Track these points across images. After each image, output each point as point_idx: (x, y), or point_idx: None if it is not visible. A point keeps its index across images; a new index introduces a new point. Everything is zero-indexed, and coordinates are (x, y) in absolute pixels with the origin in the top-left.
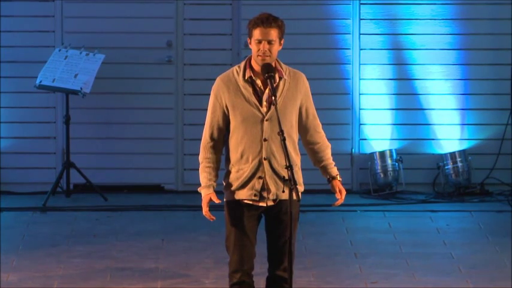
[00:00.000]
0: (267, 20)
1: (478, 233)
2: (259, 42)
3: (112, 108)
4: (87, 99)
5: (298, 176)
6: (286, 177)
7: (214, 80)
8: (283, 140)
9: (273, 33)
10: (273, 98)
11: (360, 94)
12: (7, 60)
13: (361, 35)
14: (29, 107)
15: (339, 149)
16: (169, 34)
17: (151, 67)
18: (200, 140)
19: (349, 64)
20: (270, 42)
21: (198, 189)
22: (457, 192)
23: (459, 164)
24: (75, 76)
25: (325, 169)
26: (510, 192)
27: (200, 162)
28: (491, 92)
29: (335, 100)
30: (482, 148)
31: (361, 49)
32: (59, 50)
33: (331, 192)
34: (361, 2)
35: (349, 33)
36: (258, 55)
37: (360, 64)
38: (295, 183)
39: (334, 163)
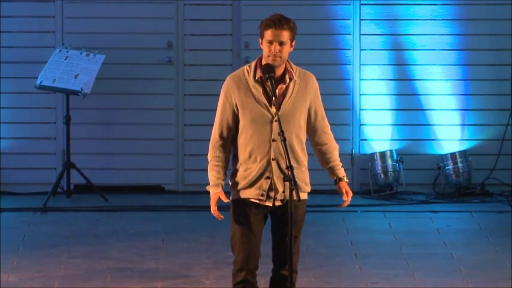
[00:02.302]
0: (279, 22)
1: (478, 233)
2: (271, 43)
3: (112, 108)
4: (88, 100)
5: (305, 176)
6: (290, 178)
7: (215, 80)
8: (284, 140)
9: (285, 35)
10: (273, 98)
11: (360, 95)
12: (7, 61)
13: (361, 36)
14: (30, 108)
15: (340, 149)
16: (170, 34)
17: (151, 68)
18: (200, 140)
19: (350, 65)
20: (281, 44)
21: (207, 188)
22: (457, 193)
23: (459, 165)
24: (76, 77)
25: (332, 170)
26: (510, 192)
27: (209, 161)
28: (491, 92)
29: (335, 101)
30: (483, 149)
31: (362, 50)
32: (60, 51)
33: (331, 192)
34: (362, 2)
35: (350, 34)
36: (268, 56)
37: (360, 65)
38: (296, 184)
39: (341, 164)
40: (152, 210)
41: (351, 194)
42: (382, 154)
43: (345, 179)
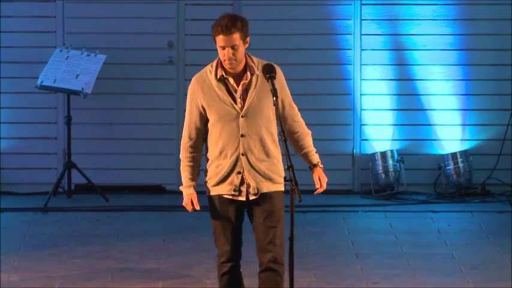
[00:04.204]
0: (226, 27)
1: (479, 233)
2: (223, 48)
3: (113, 108)
4: (89, 100)
5: (277, 168)
6: (266, 171)
7: None
8: (285, 140)
9: (236, 38)
10: (274, 98)
11: (361, 95)
12: (8, 61)
13: (362, 36)
14: (30, 108)
15: (340, 149)
16: (171, 34)
17: (152, 67)
18: None
19: (351, 64)
20: (233, 48)
21: (180, 188)
22: (458, 193)
23: (460, 165)
24: (77, 76)
25: (306, 156)
26: (511, 192)
27: (181, 161)
28: (492, 92)
29: (336, 101)
30: (484, 148)
31: (363, 49)
32: (60, 51)
33: (332, 192)
34: (363, 2)
35: (351, 34)
36: (224, 60)
37: (361, 64)
38: (296, 184)
39: (315, 150)
40: (153, 210)
41: (325, 179)
42: (383, 154)
43: (320, 165)
